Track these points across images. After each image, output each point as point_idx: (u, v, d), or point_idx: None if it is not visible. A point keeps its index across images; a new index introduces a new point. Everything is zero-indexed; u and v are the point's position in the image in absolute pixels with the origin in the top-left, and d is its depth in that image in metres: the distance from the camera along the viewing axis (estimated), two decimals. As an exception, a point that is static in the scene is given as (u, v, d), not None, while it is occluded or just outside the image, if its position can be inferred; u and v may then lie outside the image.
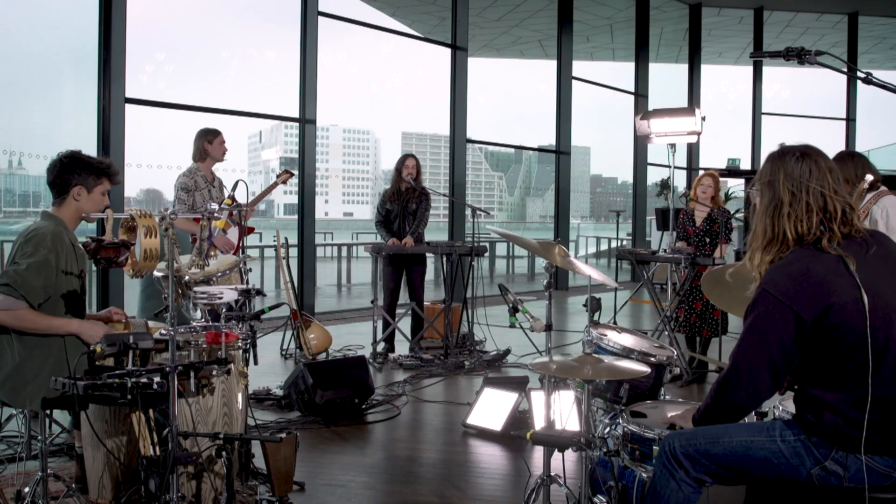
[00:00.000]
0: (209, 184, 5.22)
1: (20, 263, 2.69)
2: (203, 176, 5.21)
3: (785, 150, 2.07)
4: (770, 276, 1.99)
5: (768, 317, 1.95)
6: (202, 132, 5.24)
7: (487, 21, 13.05)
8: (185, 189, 5.14)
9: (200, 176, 5.20)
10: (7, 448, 3.66)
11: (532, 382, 4.42)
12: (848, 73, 2.78)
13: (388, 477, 3.63)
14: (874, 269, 1.96)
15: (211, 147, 5.19)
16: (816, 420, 1.96)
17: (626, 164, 12.89)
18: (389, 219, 6.25)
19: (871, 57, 16.00)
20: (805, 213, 1.99)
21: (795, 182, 2.01)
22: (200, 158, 5.22)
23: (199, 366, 2.50)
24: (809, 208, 1.99)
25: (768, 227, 2.04)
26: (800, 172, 2.01)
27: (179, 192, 5.15)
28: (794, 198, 2.00)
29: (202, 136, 5.21)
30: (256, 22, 53.48)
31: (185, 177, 5.17)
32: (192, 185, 5.15)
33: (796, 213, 1.99)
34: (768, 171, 2.07)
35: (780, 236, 2.02)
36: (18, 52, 7.80)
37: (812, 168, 2.01)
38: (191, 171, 5.20)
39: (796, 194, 2.00)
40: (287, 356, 6.12)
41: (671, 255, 5.49)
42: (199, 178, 5.19)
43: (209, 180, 5.23)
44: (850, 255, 1.94)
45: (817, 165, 2.01)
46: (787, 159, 2.04)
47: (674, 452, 2.12)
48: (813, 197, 1.99)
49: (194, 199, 5.13)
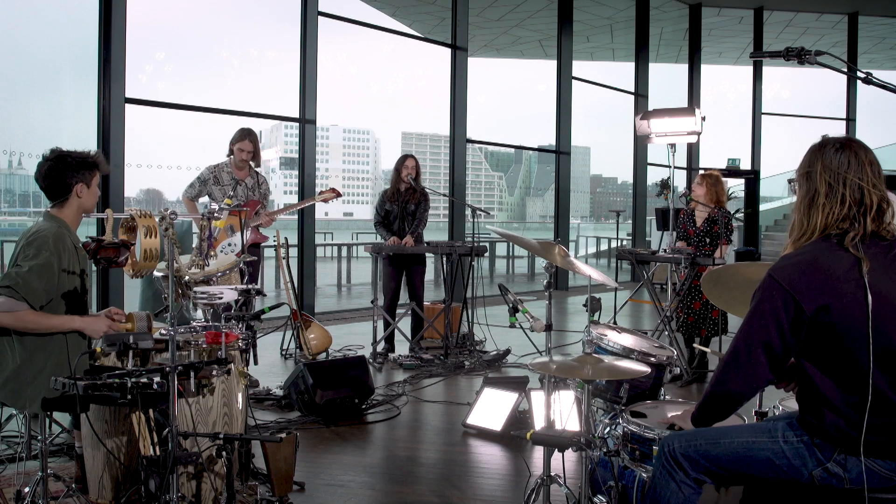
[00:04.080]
0: (236, 181, 5.27)
1: (22, 266, 2.69)
2: (230, 172, 5.28)
3: (825, 142, 2.04)
4: (780, 263, 2.00)
5: (771, 301, 1.95)
6: (237, 130, 5.30)
7: (487, 21, 13.05)
8: (200, 178, 5.27)
9: (227, 172, 5.28)
10: (7, 448, 3.66)
11: (532, 382, 4.42)
12: (848, 73, 2.78)
13: (388, 477, 3.63)
14: (889, 272, 1.94)
15: (234, 148, 5.27)
16: (818, 421, 1.96)
17: (626, 164, 12.90)
18: (389, 219, 6.25)
19: (871, 57, 16.01)
20: (839, 205, 1.96)
21: (833, 173, 1.98)
22: (230, 154, 5.31)
23: (199, 366, 2.50)
24: (844, 200, 1.96)
25: (804, 219, 2.02)
26: (838, 163, 1.98)
27: (194, 179, 5.30)
28: (831, 189, 1.97)
29: (235, 134, 5.29)
30: (256, 22, 53.52)
31: (207, 169, 5.30)
32: (208, 177, 5.25)
33: (831, 205, 1.97)
34: (806, 163, 2.04)
35: (812, 227, 2.00)
36: (19, 51, 7.81)
37: (851, 159, 1.97)
38: (218, 165, 5.31)
39: (833, 185, 1.97)
40: (287, 356, 6.11)
41: (671, 255, 5.49)
42: (224, 174, 5.27)
43: (238, 179, 5.28)
44: (867, 256, 1.92)
45: (857, 157, 1.98)
46: (826, 150, 2.01)
47: (673, 453, 2.12)
48: (850, 189, 1.96)
49: (211, 192, 5.22)
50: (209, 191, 5.24)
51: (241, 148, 5.23)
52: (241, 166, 5.28)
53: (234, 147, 5.24)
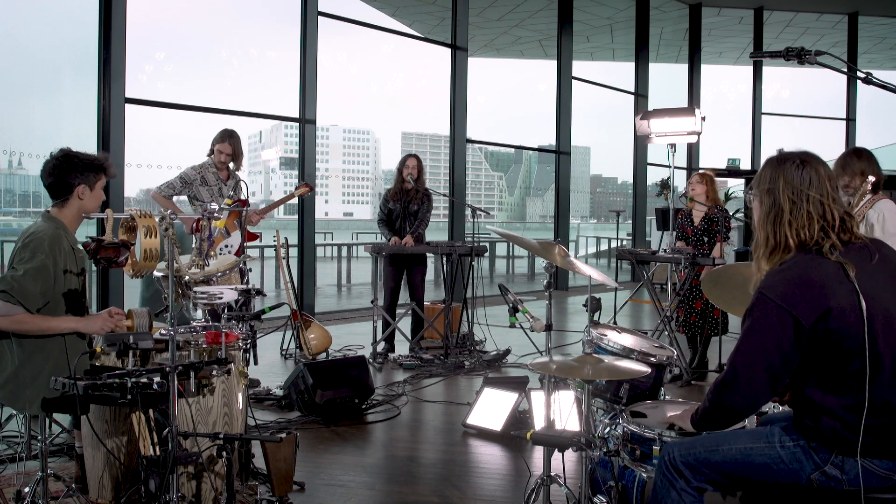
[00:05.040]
0: (221, 182, 5.23)
1: (17, 269, 2.68)
2: (215, 173, 5.22)
3: (784, 157, 2.05)
4: (768, 281, 1.99)
5: (766, 321, 1.94)
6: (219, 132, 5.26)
7: (487, 21, 13.05)
8: (185, 179, 5.17)
9: (212, 172, 5.22)
10: (7, 448, 3.66)
11: (532, 382, 4.42)
12: (848, 73, 2.78)
13: (388, 477, 3.63)
14: (875, 276, 1.95)
15: (214, 148, 5.22)
16: (815, 425, 1.96)
17: (626, 164, 12.90)
18: (391, 218, 6.25)
19: (871, 57, 16.00)
20: (806, 220, 1.98)
21: (795, 190, 1.99)
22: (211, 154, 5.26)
23: (199, 366, 2.50)
24: (810, 216, 1.97)
25: (770, 236, 2.03)
26: (800, 180, 1.99)
27: (175, 178, 5.18)
28: (795, 206, 1.99)
29: (216, 135, 5.24)
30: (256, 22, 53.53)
31: (192, 169, 5.21)
32: (194, 178, 5.17)
33: (797, 222, 1.98)
34: (768, 178, 2.05)
35: (783, 243, 2.00)
36: (19, 51, 7.80)
37: (812, 176, 1.99)
38: (203, 165, 5.23)
39: (797, 202, 1.99)
40: (287, 356, 6.11)
41: (671, 255, 5.49)
42: (210, 174, 5.21)
43: (222, 179, 5.24)
44: (850, 261, 1.93)
45: (817, 173, 2.00)
46: (787, 166, 2.02)
47: (673, 462, 2.12)
48: (813, 205, 1.98)
49: (198, 192, 5.15)
50: (195, 192, 5.16)
51: (221, 150, 5.18)
52: (220, 167, 5.23)
53: (215, 147, 5.20)
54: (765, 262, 2.05)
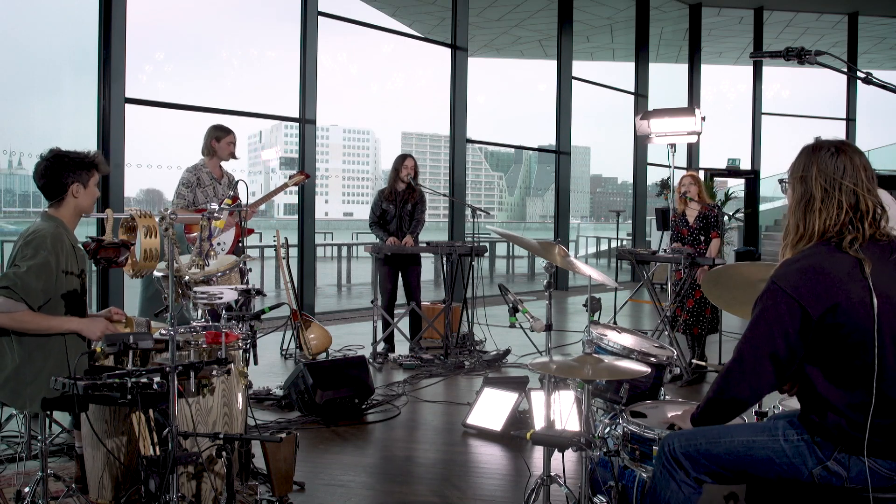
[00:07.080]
0: (215, 181, 5.18)
1: (20, 266, 2.69)
2: (209, 172, 5.16)
3: (819, 145, 2.03)
4: (782, 270, 1.98)
5: (776, 309, 1.94)
6: (213, 128, 5.19)
7: (487, 21, 13.05)
8: (187, 184, 5.10)
9: (206, 172, 5.15)
10: (7, 448, 3.66)
11: (532, 382, 4.42)
12: (848, 73, 2.78)
13: (388, 477, 3.63)
14: (892, 273, 1.94)
15: (218, 145, 5.15)
16: (821, 420, 1.96)
17: (626, 164, 12.89)
18: (385, 219, 6.22)
19: (871, 57, 16.00)
20: (836, 209, 1.96)
21: (829, 178, 1.97)
22: (208, 154, 5.18)
23: (199, 366, 2.49)
24: (840, 206, 1.95)
25: (800, 223, 2.01)
26: (833, 168, 1.97)
27: (180, 186, 5.11)
28: (827, 194, 1.97)
29: (212, 131, 5.17)
30: (256, 22, 53.45)
31: (188, 172, 5.13)
32: (194, 181, 5.10)
33: (827, 210, 1.96)
34: (801, 166, 2.03)
35: (811, 232, 1.99)
36: (18, 52, 7.80)
37: (846, 165, 1.97)
38: (196, 166, 5.16)
39: (829, 191, 1.97)
40: (287, 356, 6.11)
41: (671, 255, 5.51)
42: (204, 175, 5.14)
43: (216, 177, 5.19)
44: (868, 258, 1.92)
45: (851, 162, 1.98)
46: (821, 154, 2.00)
47: (673, 453, 2.12)
48: (845, 195, 1.96)
49: (196, 195, 5.08)
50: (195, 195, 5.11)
51: (230, 141, 5.15)
52: (228, 160, 5.21)
53: (222, 142, 5.13)
54: (789, 251, 2.04)
